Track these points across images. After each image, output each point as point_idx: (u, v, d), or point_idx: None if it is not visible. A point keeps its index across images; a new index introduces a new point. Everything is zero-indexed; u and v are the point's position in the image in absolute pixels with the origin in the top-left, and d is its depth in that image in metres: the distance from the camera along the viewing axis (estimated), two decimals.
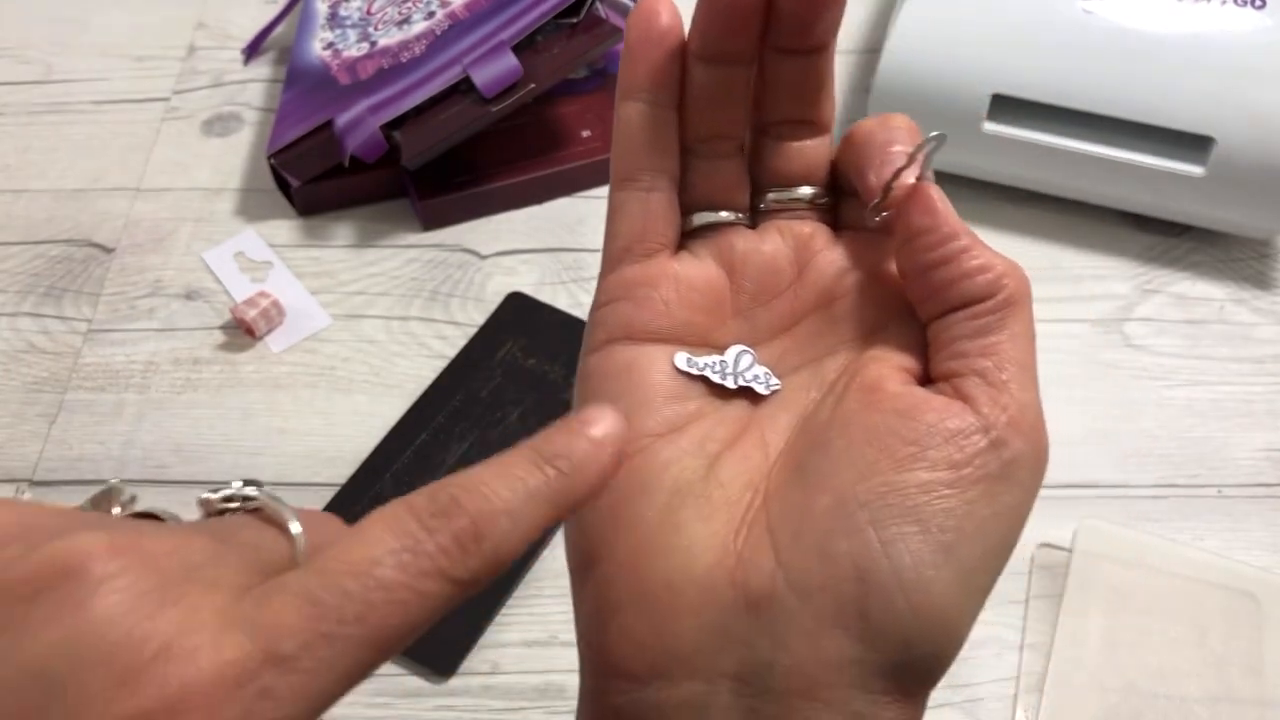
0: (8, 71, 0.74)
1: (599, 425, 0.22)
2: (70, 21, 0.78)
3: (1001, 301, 0.24)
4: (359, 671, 0.19)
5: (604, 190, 0.68)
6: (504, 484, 0.20)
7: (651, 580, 0.24)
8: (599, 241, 0.75)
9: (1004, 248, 0.25)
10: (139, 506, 0.23)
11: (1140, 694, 0.47)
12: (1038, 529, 0.52)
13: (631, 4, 0.74)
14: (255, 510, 0.22)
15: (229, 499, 0.22)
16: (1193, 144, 0.59)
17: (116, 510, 0.22)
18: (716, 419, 0.26)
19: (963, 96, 0.61)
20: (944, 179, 0.74)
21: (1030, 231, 0.65)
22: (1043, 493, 0.25)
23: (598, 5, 0.64)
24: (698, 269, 0.27)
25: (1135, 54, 0.58)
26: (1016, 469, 0.23)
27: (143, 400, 0.58)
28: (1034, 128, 0.61)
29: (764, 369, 0.27)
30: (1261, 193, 0.59)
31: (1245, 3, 0.59)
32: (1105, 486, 0.54)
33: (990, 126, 0.61)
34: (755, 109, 0.27)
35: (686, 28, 0.26)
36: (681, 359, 0.26)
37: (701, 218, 0.27)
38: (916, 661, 0.23)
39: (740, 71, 0.26)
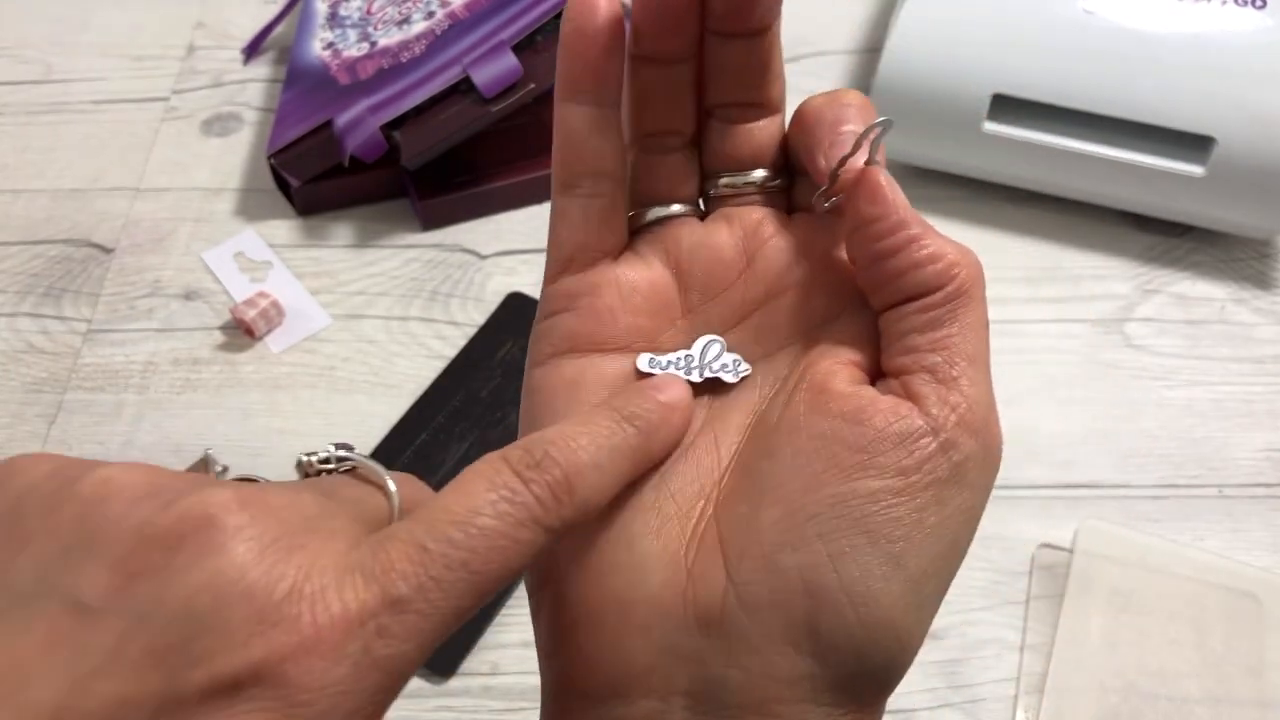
0: (7, 71, 0.74)
1: (668, 391, 0.24)
2: (69, 21, 0.78)
3: (953, 292, 0.23)
4: (463, 613, 0.20)
5: None
6: (591, 439, 0.22)
7: (604, 599, 0.24)
8: None
9: (1004, 248, 0.25)
10: (232, 475, 0.24)
11: (1141, 694, 0.47)
12: (1038, 529, 0.52)
13: (627, 2, 0.74)
14: (350, 470, 0.24)
15: (325, 460, 0.24)
16: (1193, 144, 0.59)
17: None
18: None
19: (963, 96, 0.61)
20: (944, 179, 0.74)
21: (1030, 231, 0.64)
22: (1043, 493, 0.25)
23: None
24: (642, 272, 0.26)
25: (1135, 54, 0.58)
26: (966, 470, 0.23)
27: (142, 400, 0.58)
28: (1034, 128, 0.61)
29: (733, 356, 0.26)
30: (1262, 193, 0.59)
31: (1245, 3, 0.59)
32: (1106, 487, 0.54)
33: (990, 126, 0.61)
34: (701, 93, 0.26)
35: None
36: (644, 361, 0.26)
37: (652, 213, 0.27)
38: (869, 673, 0.23)
39: (682, 68, 0.25)
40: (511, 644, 0.49)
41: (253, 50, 0.75)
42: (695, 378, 0.26)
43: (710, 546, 0.23)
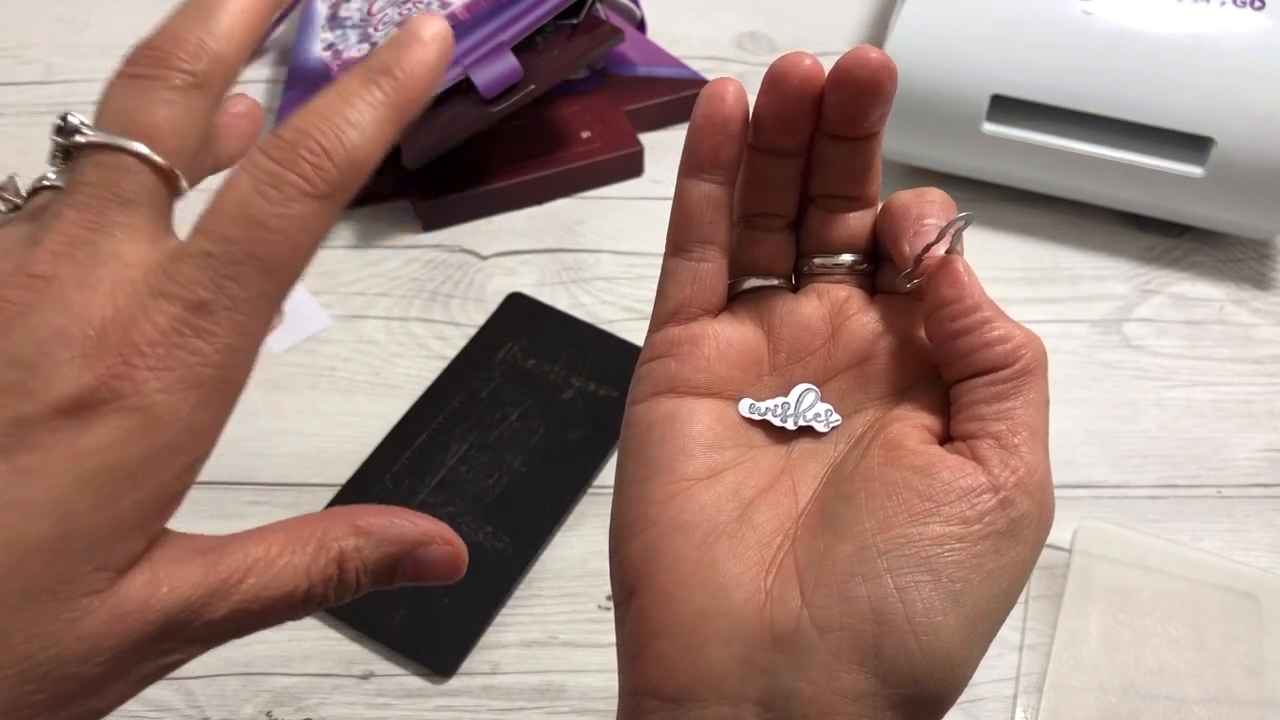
0: (8, 71, 0.74)
1: (424, 29, 0.24)
2: (71, 22, 0.78)
3: (1018, 370, 0.26)
4: (268, 297, 0.22)
5: (603, 190, 0.68)
6: (344, 103, 0.23)
7: (686, 611, 0.26)
8: (599, 242, 0.75)
9: (1004, 248, 0.25)
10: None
11: (1140, 694, 0.47)
12: None
13: (633, 5, 0.74)
14: (92, 146, 0.25)
15: (65, 148, 0.25)
16: (1192, 144, 0.59)
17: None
18: (751, 467, 0.28)
19: (963, 96, 0.61)
20: (944, 179, 0.74)
21: (1030, 231, 0.65)
22: None
23: (598, 6, 0.64)
24: (738, 330, 0.29)
25: (1135, 54, 0.59)
26: (1022, 527, 0.25)
27: None
28: (1034, 128, 0.61)
29: (826, 406, 0.28)
30: (1261, 193, 0.59)
31: (1245, 3, 0.59)
32: (1105, 487, 0.54)
33: (990, 127, 0.61)
34: (806, 182, 0.29)
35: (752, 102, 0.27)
36: (745, 405, 0.29)
37: (750, 282, 0.30)
38: (924, 698, 0.25)
39: (793, 160, 0.28)
40: (511, 644, 0.49)
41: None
42: (790, 426, 0.28)
43: (787, 573, 0.26)
